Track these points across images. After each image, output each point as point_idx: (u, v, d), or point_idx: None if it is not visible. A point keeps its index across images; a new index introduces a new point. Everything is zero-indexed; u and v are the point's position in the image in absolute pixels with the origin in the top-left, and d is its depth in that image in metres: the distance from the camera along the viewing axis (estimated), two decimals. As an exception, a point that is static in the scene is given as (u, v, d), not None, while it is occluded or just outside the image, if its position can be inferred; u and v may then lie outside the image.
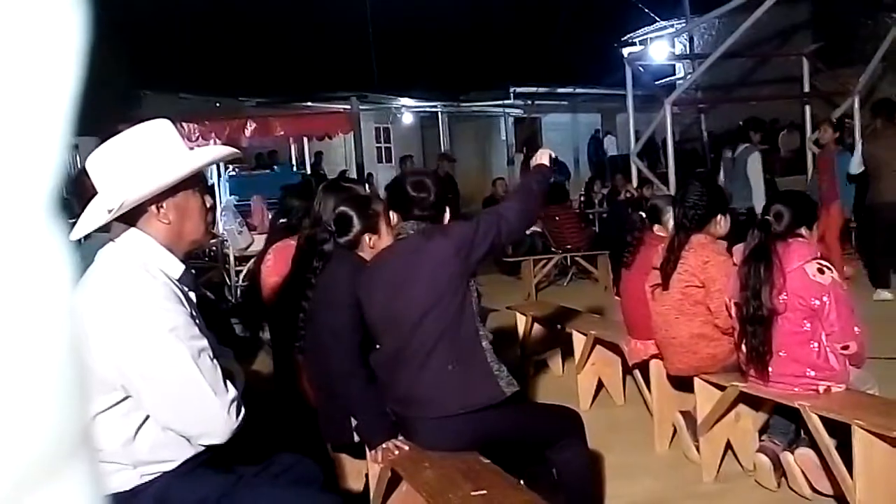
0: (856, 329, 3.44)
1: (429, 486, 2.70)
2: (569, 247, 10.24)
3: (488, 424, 2.82)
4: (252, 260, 7.27)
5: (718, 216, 4.02)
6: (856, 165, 7.93)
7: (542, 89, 20.41)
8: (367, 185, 7.04)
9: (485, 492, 2.55)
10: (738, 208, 7.63)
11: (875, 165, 7.68)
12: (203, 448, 2.18)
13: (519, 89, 20.42)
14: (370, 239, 3.28)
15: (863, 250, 8.93)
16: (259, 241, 7.38)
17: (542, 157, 3.16)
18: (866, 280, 8.10)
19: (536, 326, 6.11)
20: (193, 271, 2.72)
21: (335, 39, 20.28)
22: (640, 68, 15.98)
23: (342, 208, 3.29)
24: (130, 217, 2.14)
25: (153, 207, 2.15)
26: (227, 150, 2.59)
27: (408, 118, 20.42)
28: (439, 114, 20.14)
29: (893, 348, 5.07)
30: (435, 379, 2.82)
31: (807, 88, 13.95)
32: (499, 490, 2.58)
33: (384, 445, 2.93)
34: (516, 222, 2.96)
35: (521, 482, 2.81)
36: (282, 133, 11.59)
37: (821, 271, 3.43)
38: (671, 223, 4.26)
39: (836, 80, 13.20)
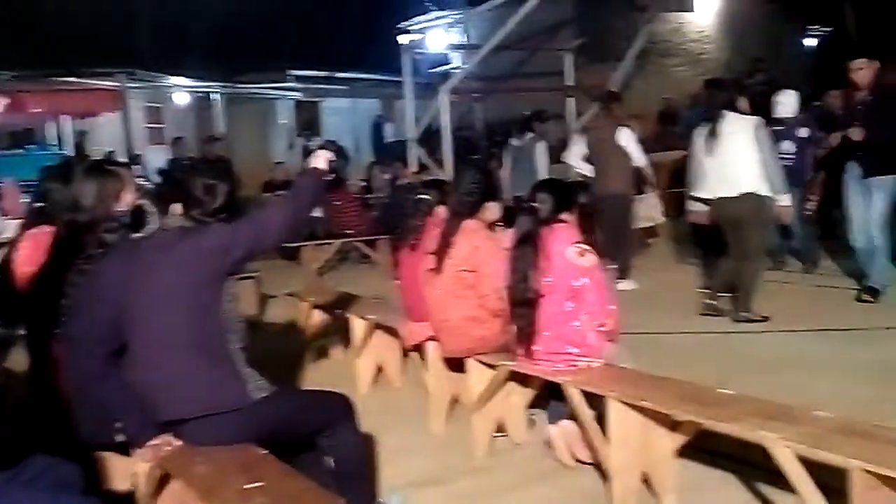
0: (611, 307, 3.72)
1: (202, 481, 2.62)
2: (349, 232, 10.26)
3: (253, 419, 2.80)
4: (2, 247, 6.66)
5: (489, 202, 4.18)
6: (574, 157, 8.21)
7: (321, 73, 20.27)
8: (132, 168, 6.66)
9: (261, 483, 2.51)
10: (523, 196, 7.91)
11: (594, 159, 7.98)
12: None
13: (298, 73, 20.16)
14: None
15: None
16: (11, 228, 6.77)
17: (319, 161, 3.14)
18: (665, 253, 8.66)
19: (316, 312, 6.08)
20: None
21: (101, 10, 18.97)
22: (418, 56, 16.28)
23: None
24: None
25: None
26: None
27: (182, 98, 19.55)
28: (215, 95, 19.46)
29: (635, 325, 5.50)
30: (182, 379, 2.79)
31: (570, 82, 14.83)
32: (275, 480, 2.55)
33: (153, 442, 2.80)
34: (281, 231, 2.97)
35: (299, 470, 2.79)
36: (38, 110, 10.69)
37: (581, 254, 3.66)
38: (446, 209, 4.38)
39: (596, 75, 14.11)
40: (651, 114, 12.37)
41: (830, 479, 2.54)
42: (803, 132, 7.76)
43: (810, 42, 17.38)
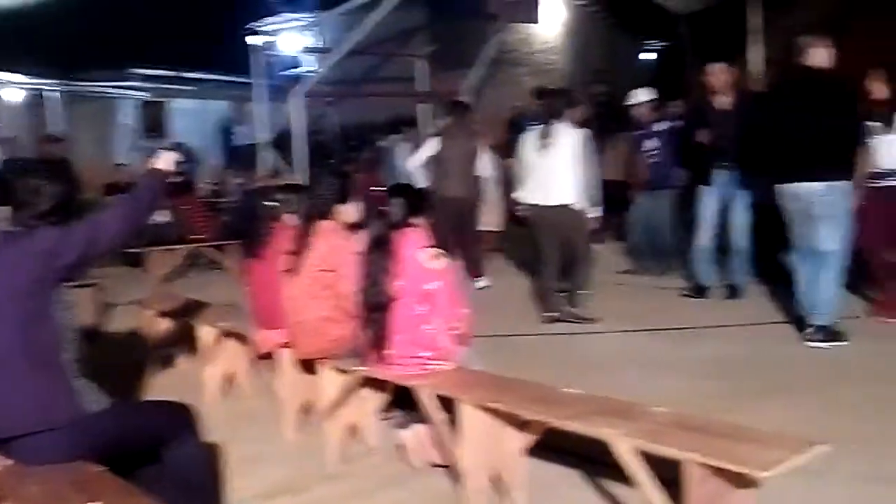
0: (463, 310, 3.77)
1: (34, 503, 2.46)
2: (198, 237, 9.95)
3: (88, 434, 2.67)
4: None
5: (344, 205, 4.16)
6: (418, 163, 8.33)
7: (168, 72, 19.58)
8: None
9: (98, 503, 2.39)
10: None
11: (443, 162, 8.13)
12: None
13: (143, 71, 19.38)
14: None
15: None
16: None
17: (161, 161, 3.03)
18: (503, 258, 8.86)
19: (162, 321, 5.86)
20: None
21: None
22: (271, 58, 15.99)
23: None
24: None
25: None
26: None
27: (15, 95, 18.42)
28: (53, 93, 18.43)
29: (485, 328, 5.62)
30: (9, 393, 2.64)
31: (424, 88, 14.96)
32: (113, 498, 2.43)
33: (-21, 463, 2.62)
34: (118, 234, 2.86)
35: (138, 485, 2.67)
36: None
37: (433, 258, 3.70)
38: (301, 212, 4.33)
39: (449, 81, 14.30)
40: (502, 121, 12.63)
41: (668, 472, 2.67)
42: (663, 125, 8.12)
43: (649, 56, 18.26)
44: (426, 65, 15.19)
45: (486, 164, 8.20)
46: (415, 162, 8.40)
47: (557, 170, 6.23)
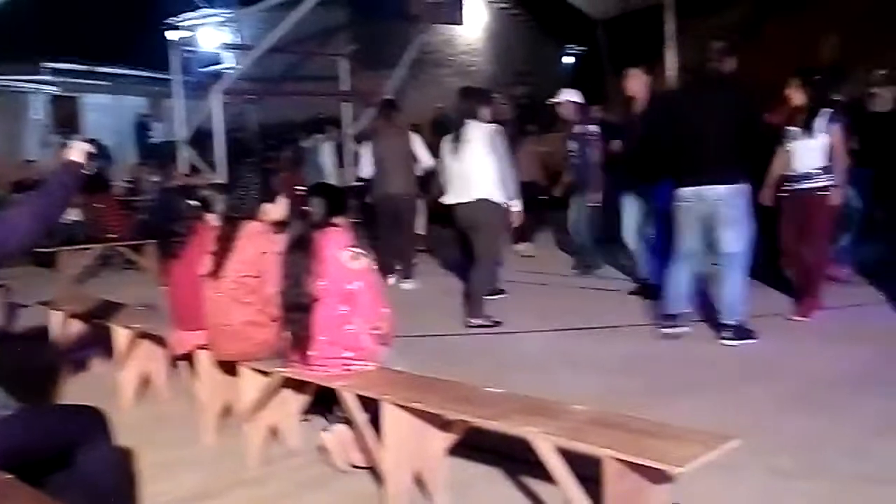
0: (385, 310, 3.76)
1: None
2: (112, 236, 9.68)
3: None
4: None
5: (267, 204, 4.10)
6: (365, 167, 8.39)
7: (80, 67, 18.96)
8: None
9: (6, 510, 2.30)
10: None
11: (381, 162, 8.17)
12: None
13: (54, 65, 18.72)
14: None
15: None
16: None
17: (74, 153, 2.93)
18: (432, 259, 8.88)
19: (74, 322, 5.67)
20: None
21: None
22: (189, 54, 15.67)
23: None
24: None
25: None
26: None
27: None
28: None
29: (408, 328, 5.63)
30: None
31: (346, 87, 14.89)
32: (22, 506, 2.34)
33: None
34: (28, 232, 2.74)
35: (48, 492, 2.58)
36: None
37: (354, 258, 3.68)
38: (225, 212, 4.25)
39: (371, 81, 14.27)
40: (425, 122, 12.66)
41: (588, 469, 2.71)
42: (583, 128, 8.24)
43: (568, 59, 18.56)
44: (348, 64, 15.11)
45: (424, 157, 8.21)
46: (365, 169, 8.39)
47: (471, 166, 6.29)
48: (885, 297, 6.57)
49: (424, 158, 8.19)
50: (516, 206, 6.38)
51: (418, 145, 8.21)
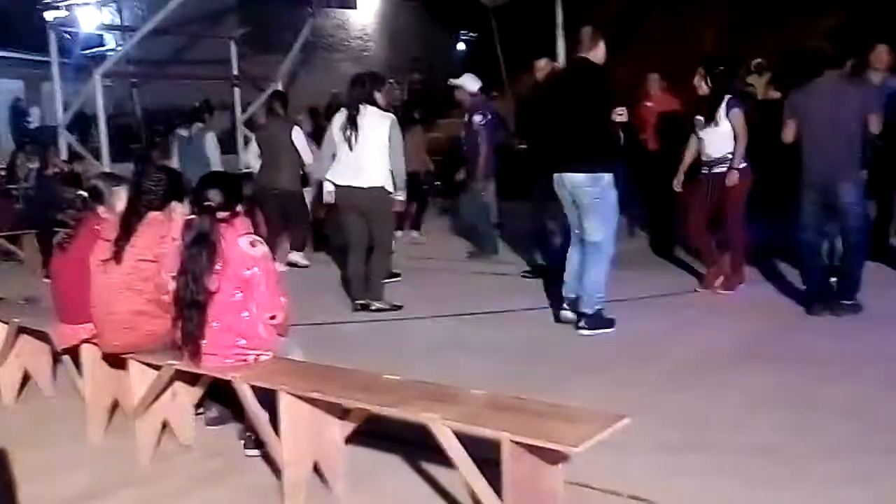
0: (282, 299, 3.71)
1: None
2: (-14, 226, 9.20)
3: None
4: None
5: (174, 203, 3.98)
6: (253, 157, 8.34)
7: (-51, 47, 17.90)
8: None
9: None
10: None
11: (265, 155, 8.11)
12: None
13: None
14: None
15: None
16: None
17: None
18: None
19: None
20: None
21: None
22: (67, 35, 14.99)
23: None
24: None
25: None
26: None
27: None
28: None
29: (306, 316, 5.58)
30: None
31: (235, 71, 14.54)
32: None
33: None
34: None
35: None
36: None
37: (252, 244, 3.61)
38: (118, 204, 4.10)
39: (262, 65, 14.00)
40: (319, 107, 12.50)
41: (488, 451, 2.75)
42: (477, 118, 8.28)
43: (462, 46, 18.67)
44: (238, 47, 14.76)
45: (307, 152, 8.13)
46: (252, 160, 8.34)
47: (366, 153, 6.28)
48: (765, 275, 6.92)
49: (306, 155, 8.13)
50: (400, 195, 6.45)
51: (300, 139, 8.15)
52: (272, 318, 3.65)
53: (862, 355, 4.86)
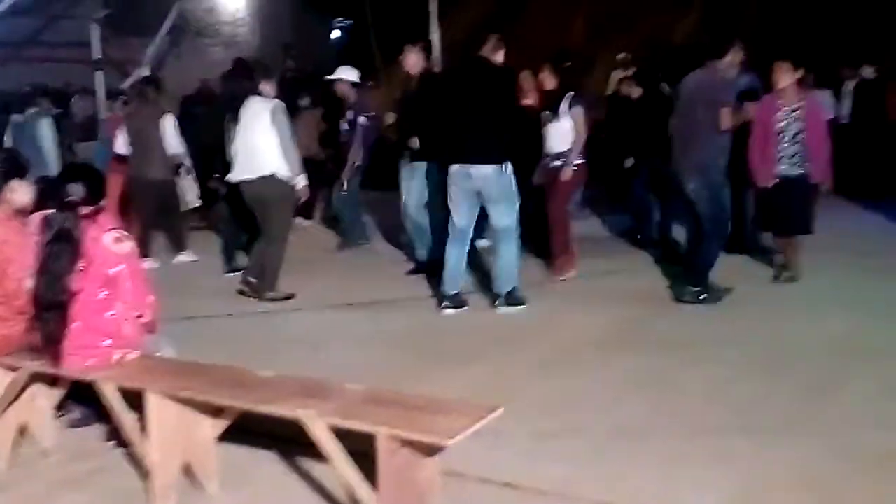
0: (150, 297, 3.57)
1: None
2: None
3: None
4: None
5: (14, 183, 3.76)
6: (122, 145, 7.99)
7: None
8: None
9: None
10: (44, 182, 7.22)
11: (136, 144, 7.81)
12: None
13: None
14: None
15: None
16: None
17: None
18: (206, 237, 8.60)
19: None
20: None
21: None
22: None
23: None
24: None
25: None
26: None
27: None
28: None
29: (177, 310, 5.40)
30: None
31: (98, 55, 13.88)
32: None
33: None
34: None
35: None
36: None
37: (118, 241, 3.47)
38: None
39: (127, 49, 13.43)
40: (187, 93, 12.08)
41: (366, 444, 2.73)
42: (362, 119, 8.20)
43: (336, 33, 18.47)
44: (100, 30, 14.09)
45: (174, 141, 7.87)
46: (121, 147, 7.96)
47: (255, 142, 6.20)
48: (632, 264, 7.19)
49: (174, 145, 7.88)
50: (302, 181, 6.38)
51: (169, 128, 7.89)
52: (139, 316, 3.52)
53: (721, 339, 5.11)
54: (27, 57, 15.26)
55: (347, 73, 8.32)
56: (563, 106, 6.53)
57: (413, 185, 7.05)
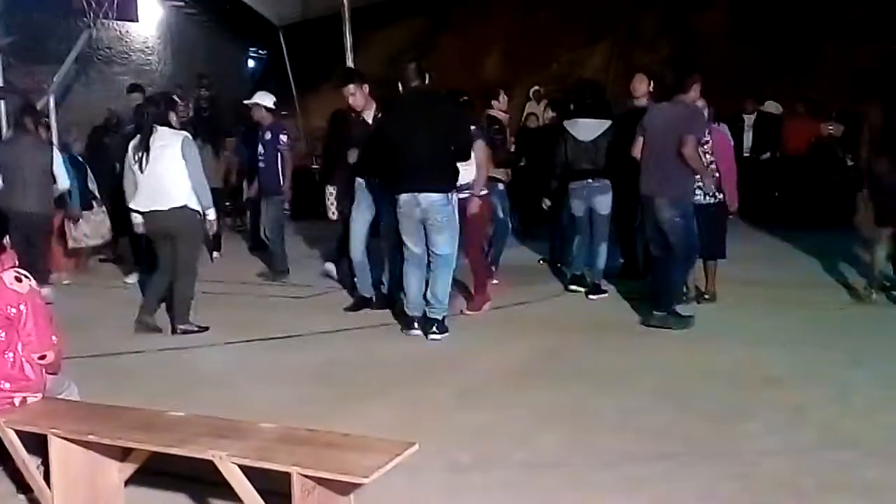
0: (53, 338, 3.45)
1: None
2: None
3: None
4: None
5: None
6: None
7: None
8: None
9: None
10: None
11: (12, 175, 7.49)
12: None
13: None
14: None
15: None
16: None
17: None
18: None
19: None
20: None
21: None
22: None
23: None
24: None
25: None
26: None
27: None
28: None
29: (82, 348, 5.25)
30: None
31: (0, 83, 13.44)
32: None
33: None
34: None
35: None
36: None
37: (18, 279, 3.36)
38: None
39: (32, 77, 13.06)
40: (95, 122, 11.79)
41: (280, 485, 2.70)
42: (283, 138, 8.25)
43: (252, 63, 18.35)
44: (4, 58, 13.65)
45: (61, 177, 7.65)
46: None
47: (164, 174, 6.10)
48: (550, 293, 7.34)
49: (61, 180, 7.67)
50: (212, 213, 6.33)
51: (58, 163, 7.66)
52: (42, 357, 3.40)
53: (633, 369, 5.22)
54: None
55: (264, 99, 8.30)
56: None
57: (358, 220, 6.86)
